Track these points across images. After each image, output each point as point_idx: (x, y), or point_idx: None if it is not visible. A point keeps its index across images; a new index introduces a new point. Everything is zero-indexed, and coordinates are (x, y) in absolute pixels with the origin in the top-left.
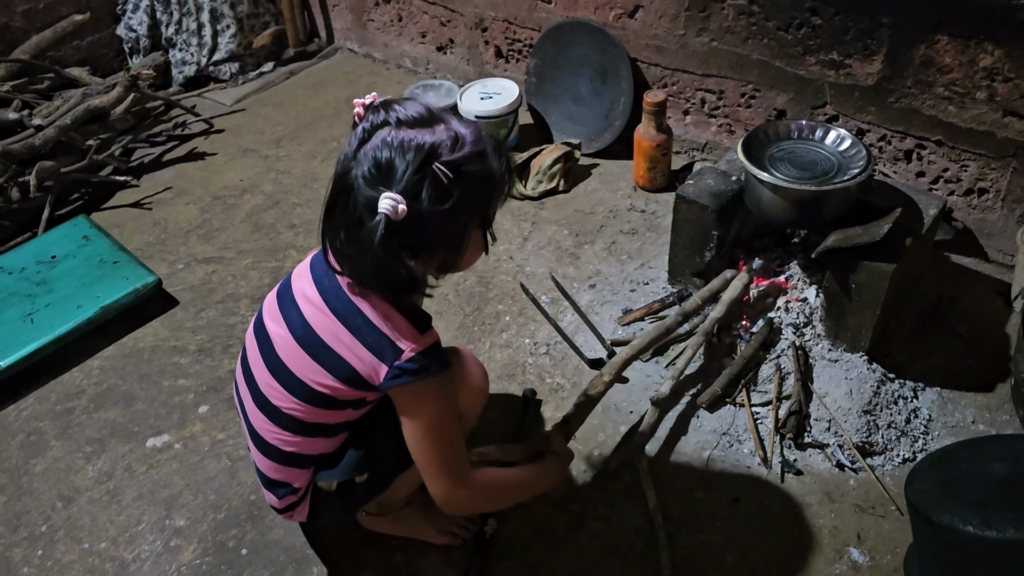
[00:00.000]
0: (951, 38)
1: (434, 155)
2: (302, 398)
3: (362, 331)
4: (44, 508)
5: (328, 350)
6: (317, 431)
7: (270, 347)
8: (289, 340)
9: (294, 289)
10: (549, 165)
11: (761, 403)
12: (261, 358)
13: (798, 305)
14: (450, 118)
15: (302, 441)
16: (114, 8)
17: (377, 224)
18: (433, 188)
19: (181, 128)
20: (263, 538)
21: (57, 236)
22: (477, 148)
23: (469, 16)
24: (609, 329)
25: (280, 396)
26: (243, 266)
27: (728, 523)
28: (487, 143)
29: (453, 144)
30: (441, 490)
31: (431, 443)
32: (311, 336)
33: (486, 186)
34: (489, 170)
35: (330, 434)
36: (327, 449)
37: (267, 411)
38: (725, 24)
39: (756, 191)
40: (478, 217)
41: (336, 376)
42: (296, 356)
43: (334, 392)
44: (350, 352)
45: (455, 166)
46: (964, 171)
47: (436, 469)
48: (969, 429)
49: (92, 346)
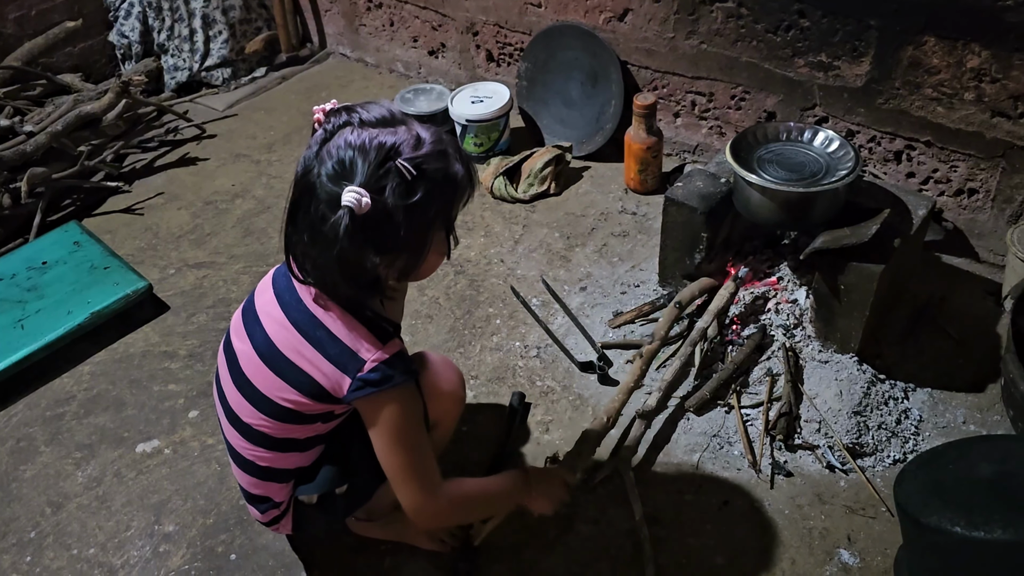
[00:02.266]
0: (938, 39)
1: (396, 153)
2: (269, 414)
3: (323, 344)
4: (33, 514)
5: (291, 365)
6: (289, 446)
7: (236, 365)
8: (253, 357)
9: (257, 306)
10: (540, 168)
11: (751, 405)
12: (229, 376)
13: (788, 307)
14: (412, 121)
15: (275, 456)
16: (106, 15)
17: (340, 218)
18: (396, 184)
19: (173, 133)
20: (252, 543)
21: (48, 242)
22: (438, 148)
23: (460, 20)
24: (600, 332)
25: (249, 413)
26: (234, 271)
27: (718, 525)
28: (448, 145)
29: (415, 143)
30: (410, 501)
31: (398, 453)
32: (273, 351)
33: (448, 186)
34: (451, 171)
35: (303, 448)
36: (302, 463)
37: (239, 428)
38: (714, 27)
39: (745, 193)
40: (441, 218)
41: (300, 391)
42: (260, 373)
43: (300, 407)
44: (312, 366)
45: (417, 163)
46: (954, 171)
47: (404, 479)
48: (960, 430)
49: (83, 352)
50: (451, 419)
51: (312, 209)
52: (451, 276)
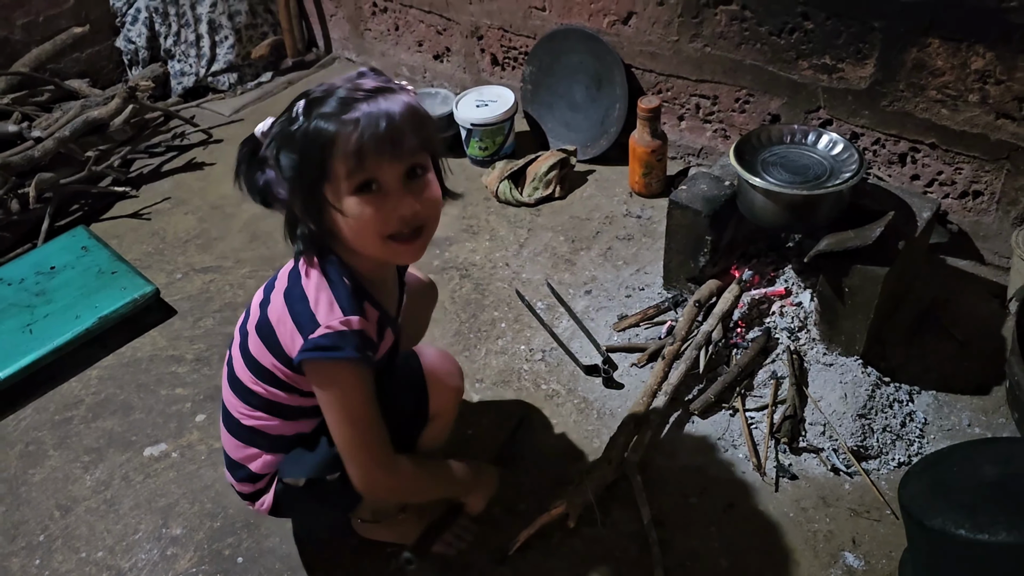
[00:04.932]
0: (942, 41)
1: (306, 95)
2: (255, 372)
3: (294, 302)
4: (42, 518)
5: (267, 324)
6: (275, 410)
7: (246, 317)
8: (256, 313)
9: (279, 272)
10: (545, 172)
11: (756, 408)
12: (239, 333)
13: (793, 309)
14: (372, 80)
15: (259, 416)
16: (113, 20)
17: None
18: (283, 118)
19: (180, 139)
20: (259, 546)
21: (56, 247)
22: (327, 96)
23: (465, 25)
24: (605, 335)
25: (240, 367)
26: (241, 275)
27: (723, 529)
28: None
29: (325, 88)
30: (358, 474)
31: (345, 425)
32: (264, 319)
33: (317, 135)
34: (323, 125)
35: (287, 417)
36: (285, 432)
37: (232, 381)
38: (718, 30)
39: (749, 196)
40: (314, 167)
41: (269, 350)
42: (254, 340)
43: (274, 369)
44: (280, 323)
45: (307, 103)
46: (958, 174)
47: (352, 452)
48: (965, 432)
49: (90, 356)
50: (450, 412)
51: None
52: (456, 280)
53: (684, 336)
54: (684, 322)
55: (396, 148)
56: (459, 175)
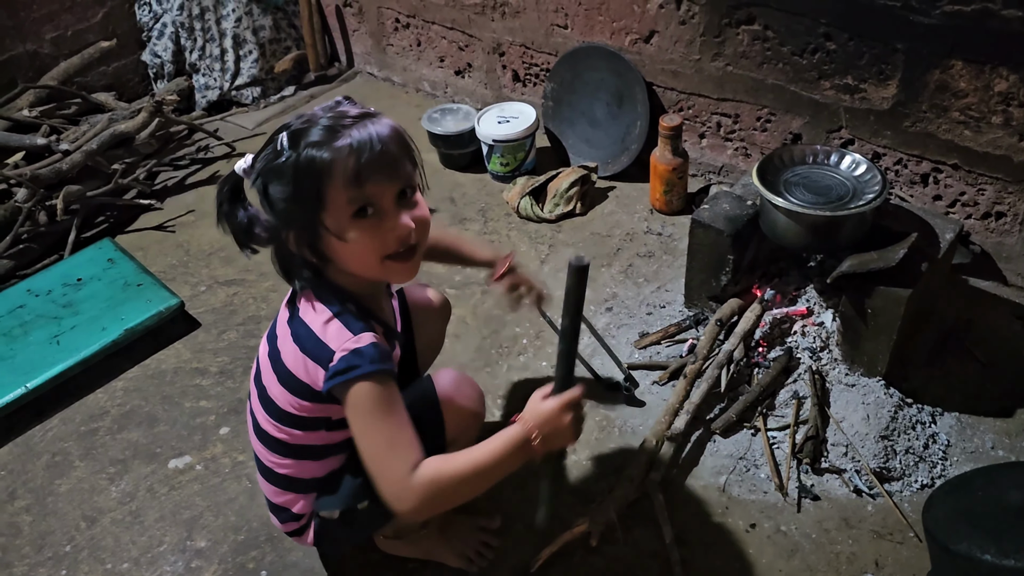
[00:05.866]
0: (966, 63)
1: (286, 127)
2: (278, 419)
3: (303, 340)
4: (68, 528)
5: (282, 365)
6: (303, 453)
7: (259, 373)
8: (267, 361)
9: (279, 315)
10: (566, 188)
11: (778, 428)
12: (254, 382)
13: (815, 329)
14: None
15: (291, 464)
16: (139, 35)
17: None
18: (268, 152)
19: (204, 151)
20: (282, 560)
21: (83, 259)
22: (314, 125)
23: (487, 41)
24: (626, 352)
25: (265, 419)
26: (264, 288)
27: (745, 549)
28: (334, 125)
29: (306, 120)
30: (387, 489)
31: (368, 438)
32: (275, 353)
33: (311, 164)
34: (316, 154)
35: (317, 456)
36: (318, 473)
37: (259, 433)
38: (740, 49)
39: (771, 216)
40: (311, 195)
41: (289, 389)
42: (269, 376)
43: (301, 410)
44: (295, 363)
45: (292, 134)
46: (981, 195)
47: (377, 466)
48: (988, 455)
49: (116, 367)
50: (469, 437)
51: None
52: (478, 296)
53: (706, 355)
54: (706, 340)
55: (392, 170)
56: (480, 191)
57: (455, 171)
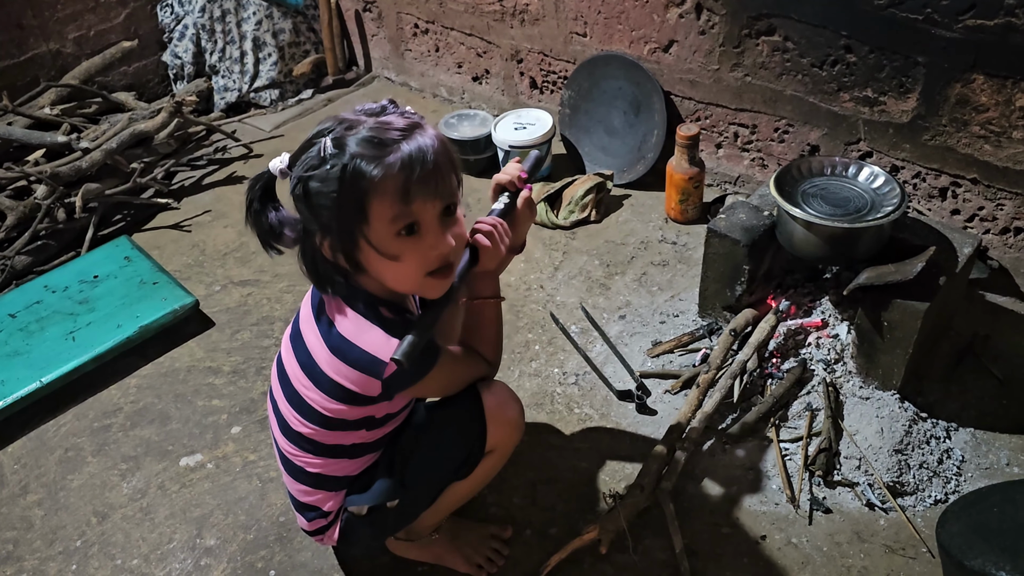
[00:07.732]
0: (987, 77)
1: (327, 132)
2: (315, 422)
3: (344, 352)
4: (79, 523)
5: (321, 374)
6: (338, 452)
7: (286, 377)
8: (297, 370)
9: (300, 318)
10: (581, 195)
11: (790, 439)
12: (280, 388)
13: (829, 341)
14: (397, 117)
15: (324, 463)
16: (161, 36)
17: (261, 177)
18: (309, 157)
19: (221, 152)
20: (291, 560)
21: (99, 256)
22: (362, 136)
23: (505, 48)
24: (638, 361)
25: (298, 422)
26: (278, 289)
27: (755, 560)
28: (383, 138)
29: (348, 126)
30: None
31: (451, 388)
32: (310, 362)
33: (355, 177)
34: (361, 166)
35: (351, 455)
36: (351, 471)
37: (289, 435)
38: (759, 60)
39: (788, 227)
40: (354, 206)
41: (334, 398)
42: (302, 381)
43: (340, 414)
44: (338, 373)
45: (337, 140)
46: (1000, 210)
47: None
48: (1003, 471)
49: (130, 365)
50: (508, 447)
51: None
52: None
53: (719, 364)
54: (719, 350)
55: (440, 187)
56: None
57: (471, 176)
